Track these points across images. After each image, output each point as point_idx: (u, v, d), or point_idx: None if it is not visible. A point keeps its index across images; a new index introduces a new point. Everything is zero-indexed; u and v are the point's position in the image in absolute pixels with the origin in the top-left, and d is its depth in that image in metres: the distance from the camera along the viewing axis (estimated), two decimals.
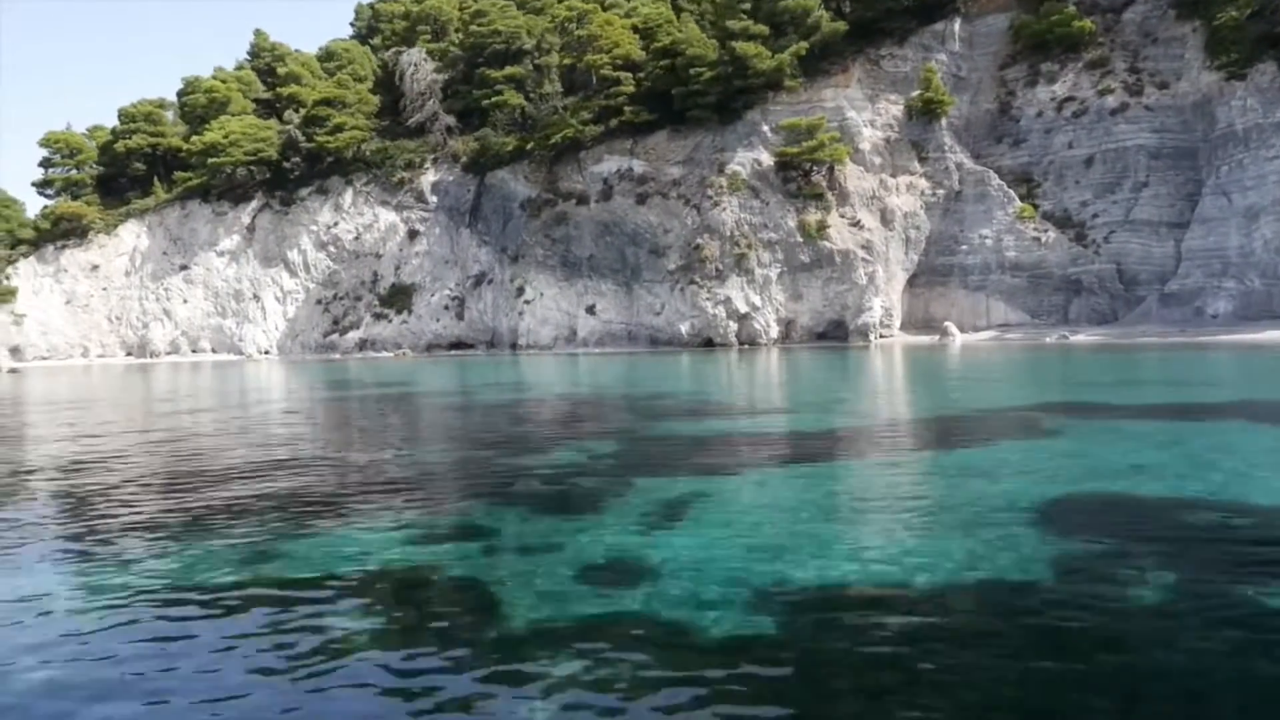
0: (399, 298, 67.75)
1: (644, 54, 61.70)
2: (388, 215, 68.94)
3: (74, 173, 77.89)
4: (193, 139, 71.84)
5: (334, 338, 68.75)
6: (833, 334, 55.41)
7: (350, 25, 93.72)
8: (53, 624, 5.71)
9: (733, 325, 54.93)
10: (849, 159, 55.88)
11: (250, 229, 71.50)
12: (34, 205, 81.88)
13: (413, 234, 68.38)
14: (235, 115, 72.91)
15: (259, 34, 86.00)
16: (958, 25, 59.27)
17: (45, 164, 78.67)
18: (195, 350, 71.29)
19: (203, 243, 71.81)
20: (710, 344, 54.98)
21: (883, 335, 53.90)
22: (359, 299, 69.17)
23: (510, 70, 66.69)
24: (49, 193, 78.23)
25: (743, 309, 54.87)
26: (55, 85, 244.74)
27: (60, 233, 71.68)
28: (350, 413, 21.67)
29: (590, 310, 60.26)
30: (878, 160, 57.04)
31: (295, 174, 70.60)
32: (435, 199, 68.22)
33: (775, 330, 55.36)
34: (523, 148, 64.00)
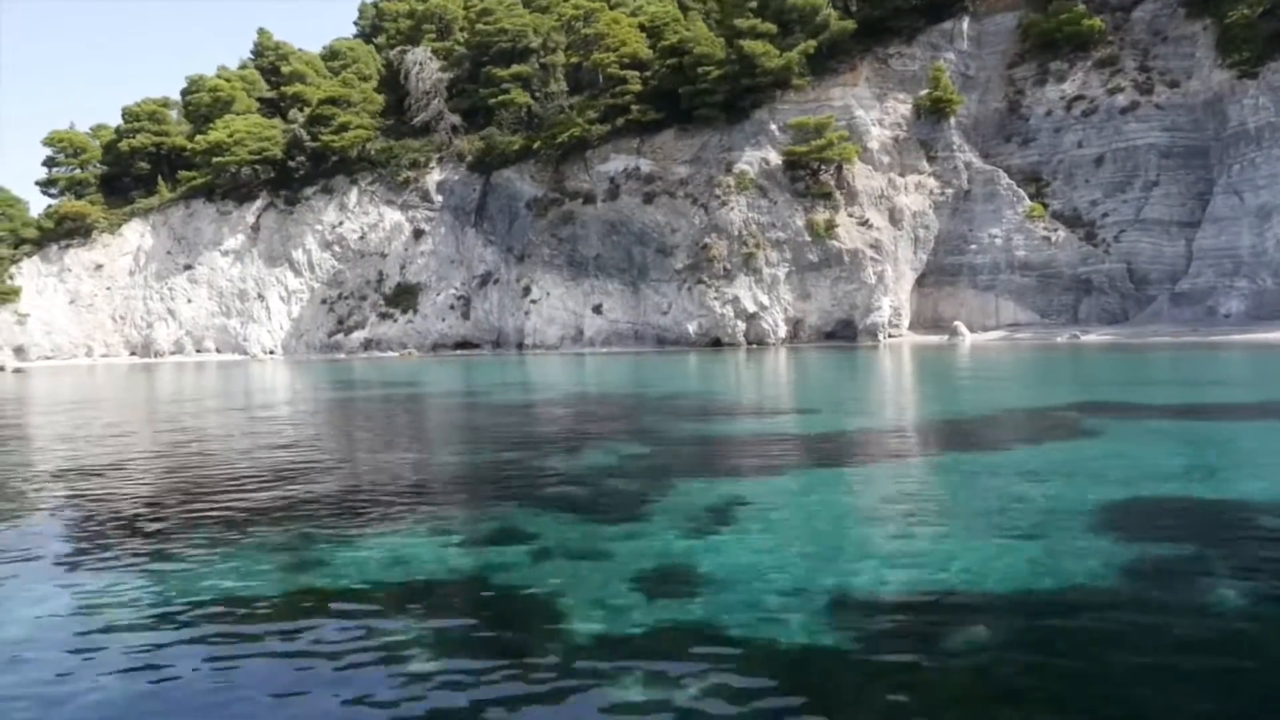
0: (404, 297, 67.52)
1: (651, 52, 61.41)
2: (393, 215, 68.71)
3: (78, 172, 77.69)
4: (197, 138, 71.61)
5: (339, 338, 68.52)
6: (841, 334, 55.14)
7: (354, 24, 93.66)
8: (101, 639, 5.46)
9: (741, 325, 54.67)
10: (857, 158, 55.58)
11: (255, 228, 71.27)
12: (38, 205, 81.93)
13: (418, 233, 68.14)
14: (240, 114, 72.65)
15: (262, 33, 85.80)
16: (966, 24, 58.98)
17: (49, 163, 78.46)
18: (199, 350, 71.06)
19: (207, 242, 71.58)
20: (718, 344, 54.73)
21: (891, 335, 53.63)
22: (364, 299, 68.93)
23: (516, 69, 66.46)
24: (53, 192, 78.04)
25: (751, 308, 54.62)
26: (58, 84, 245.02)
27: (64, 232, 71.46)
28: (367, 414, 21.42)
29: (597, 310, 60.00)
30: (886, 159, 56.78)
31: (300, 173, 70.39)
32: (440, 198, 67.99)
33: (783, 330, 55.11)
34: (529, 147, 63.74)
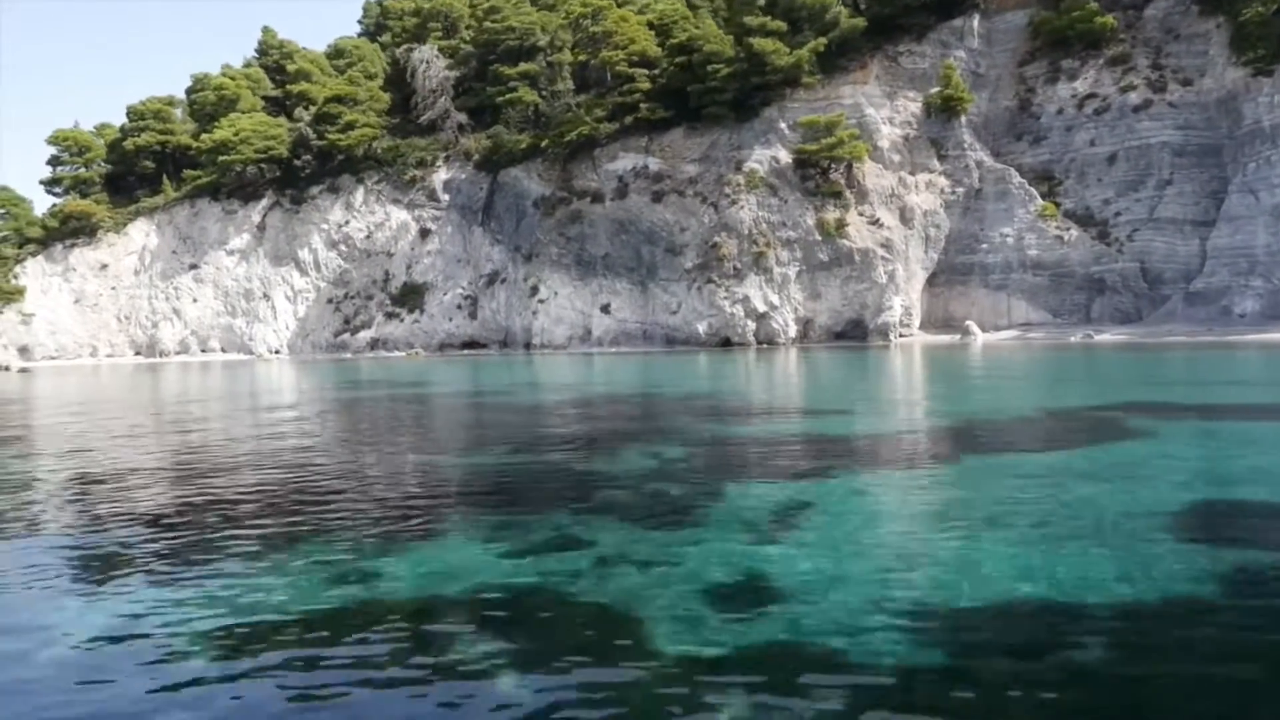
0: (411, 297, 67.20)
1: (659, 50, 61.15)
2: (399, 214, 68.41)
3: (83, 171, 77.37)
4: (202, 137, 71.30)
5: (345, 337, 68.20)
6: (851, 334, 54.83)
7: (358, 23, 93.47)
8: (156, 661, 5.08)
9: (751, 325, 54.36)
10: (867, 157, 55.32)
11: (260, 227, 70.96)
12: (42, 204, 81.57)
13: (424, 233, 67.83)
14: (245, 113, 72.35)
15: (267, 31, 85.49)
16: (976, 21, 58.74)
17: (53, 162, 78.18)
18: (205, 350, 70.74)
19: (212, 241, 71.27)
20: (728, 344, 54.41)
21: (902, 335, 53.32)
22: (370, 298, 68.62)
23: (524, 67, 66.16)
24: (57, 191, 77.72)
25: (761, 308, 54.30)
26: (62, 83, 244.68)
27: (69, 231, 71.15)
28: (389, 416, 21.06)
29: (605, 309, 59.69)
30: (896, 158, 56.48)
31: (306, 172, 70.08)
32: (447, 197, 67.69)
33: (793, 330, 54.80)
34: (536, 145, 63.43)
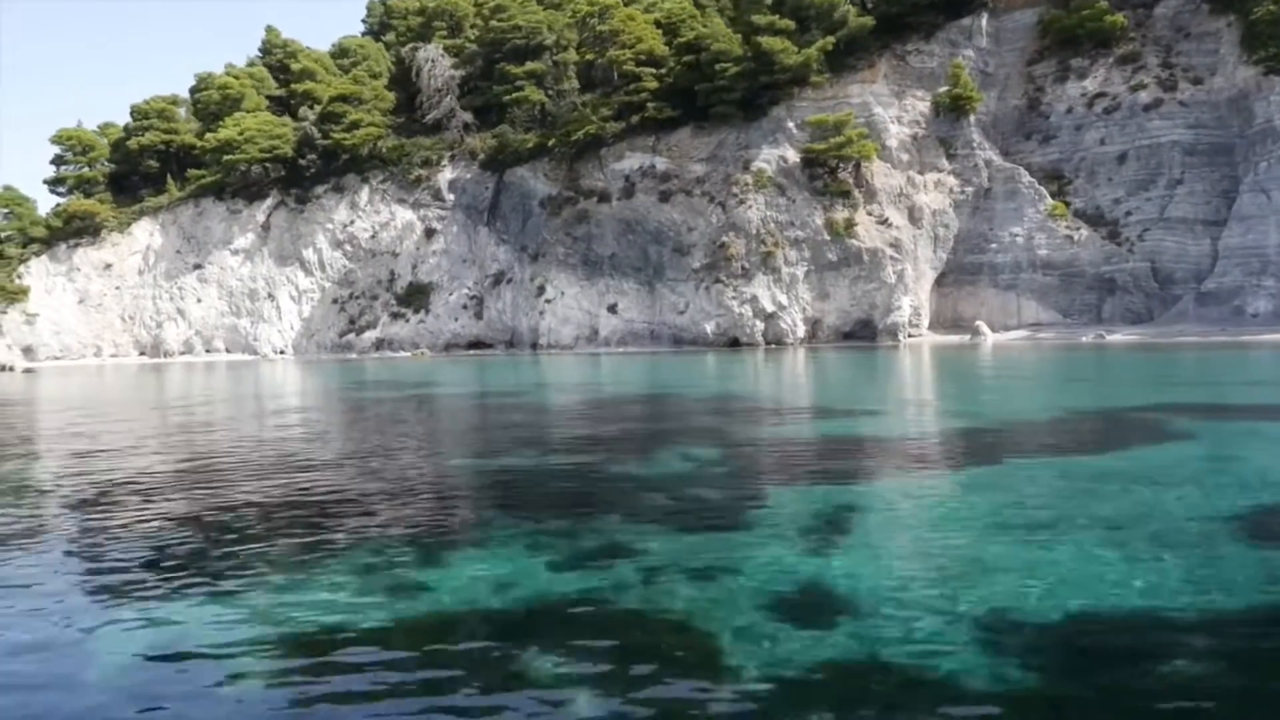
0: (416, 297, 66.93)
1: (667, 49, 60.88)
2: (404, 213, 68.14)
3: (86, 170, 77.03)
4: (207, 136, 71.01)
5: (350, 337, 67.93)
6: (859, 334, 54.58)
7: (362, 22, 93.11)
8: (214, 686, 4.75)
9: (759, 325, 54.10)
10: (876, 156, 55.05)
11: (265, 227, 70.69)
12: (46, 203, 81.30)
13: (430, 232, 67.57)
14: (249, 112, 72.05)
15: (270, 30, 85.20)
16: (985, 20, 58.46)
17: (57, 161, 77.89)
18: (209, 350, 70.46)
19: (217, 241, 71.00)
20: (736, 344, 54.15)
21: (911, 335, 53.06)
22: (375, 298, 68.35)
23: (530, 66, 65.88)
24: (61, 190, 77.42)
25: (769, 308, 54.04)
26: (65, 83, 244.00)
27: (73, 231, 70.85)
28: (407, 417, 20.74)
29: (612, 309, 59.43)
30: (905, 157, 56.23)
31: (311, 171, 69.79)
32: (453, 197, 67.43)
33: (801, 330, 54.55)
34: (543, 144, 63.16)
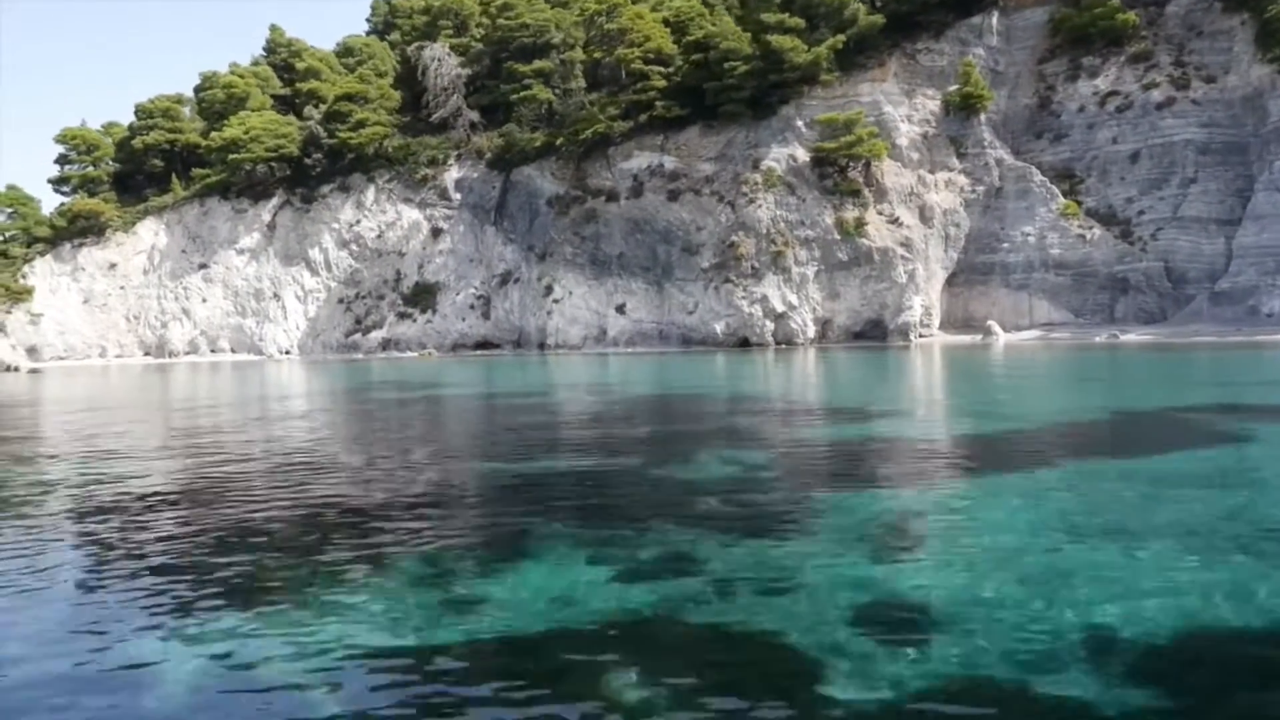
0: (423, 297, 66.61)
1: (675, 48, 60.56)
2: (411, 213, 67.82)
3: (90, 169, 76.66)
4: (212, 135, 70.67)
5: (356, 337, 67.61)
6: (870, 334, 54.26)
7: (366, 21, 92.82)
8: (278, 708, 4.47)
9: (769, 325, 53.79)
10: (886, 155, 54.75)
11: (271, 227, 70.36)
12: (50, 203, 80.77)
13: (436, 232, 67.25)
14: (254, 111, 71.72)
15: (274, 29, 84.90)
16: (995, 19, 58.22)
17: (61, 160, 77.53)
18: (214, 350, 70.13)
19: (222, 241, 70.66)
20: (745, 344, 53.84)
21: (922, 335, 52.76)
22: (382, 298, 68.02)
23: (538, 64, 65.57)
24: (65, 190, 77.08)
25: (779, 308, 53.73)
26: (68, 82, 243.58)
27: (77, 230, 70.49)
28: (431, 420, 20.37)
29: (620, 309, 59.12)
30: (915, 156, 55.94)
31: (316, 171, 69.46)
32: (459, 196, 67.11)
33: (812, 330, 54.25)
34: (550, 144, 62.84)
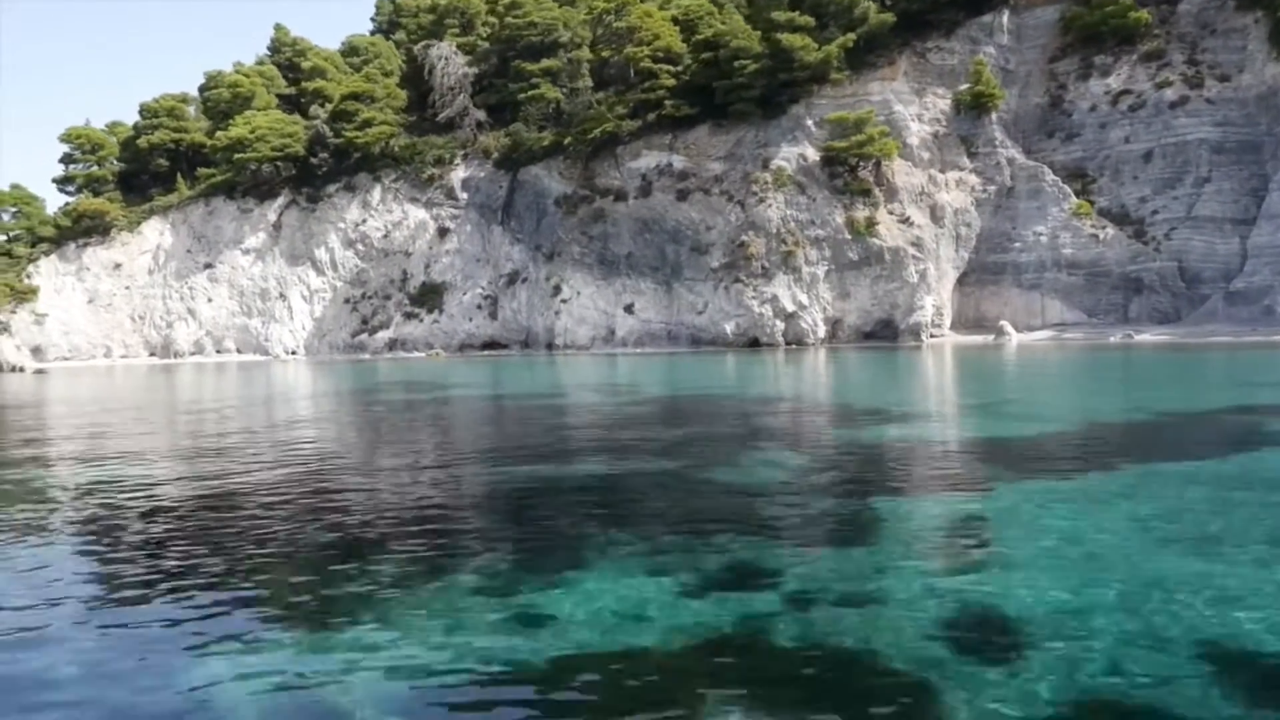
0: (429, 297, 66.28)
1: (684, 46, 60.21)
2: (417, 212, 67.50)
3: (95, 169, 76.49)
4: (217, 134, 70.36)
5: (363, 338, 67.28)
6: (881, 334, 53.91)
7: (371, 20, 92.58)
8: None
9: (779, 325, 53.45)
10: (897, 154, 54.39)
11: (276, 226, 70.05)
12: (54, 202, 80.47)
13: (443, 231, 66.92)
14: (260, 110, 71.42)
15: (279, 29, 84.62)
16: (1006, 17, 57.82)
17: (66, 160, 77.26)
18: (220, 351, 69.81)
19: (227, 240, 70.36)
20: (755, 344, 53.50)
21: (933, 335, 52.40)
22: (388, 298, 67.69)
23: (546, 63, 65.24)
24: (70, 189, 76.85)
25: (790, 308, 53.39)
26: (72, 81, 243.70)
27: (82, 230, 70.21)
28: (453, 422, 19.99)
29: (629, 309, 58.78)
30: (926, 155, 55.58)
31: (322, 170, 69.14)
32: (466, 195, 66.78)
33: (822, 330, 53.90)
34: (558, 143, 62.48)
